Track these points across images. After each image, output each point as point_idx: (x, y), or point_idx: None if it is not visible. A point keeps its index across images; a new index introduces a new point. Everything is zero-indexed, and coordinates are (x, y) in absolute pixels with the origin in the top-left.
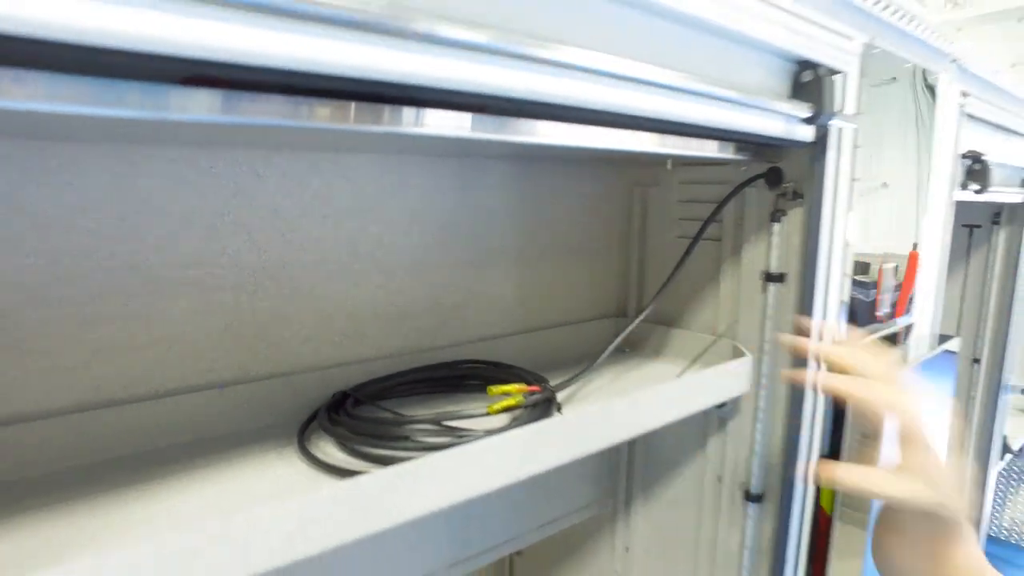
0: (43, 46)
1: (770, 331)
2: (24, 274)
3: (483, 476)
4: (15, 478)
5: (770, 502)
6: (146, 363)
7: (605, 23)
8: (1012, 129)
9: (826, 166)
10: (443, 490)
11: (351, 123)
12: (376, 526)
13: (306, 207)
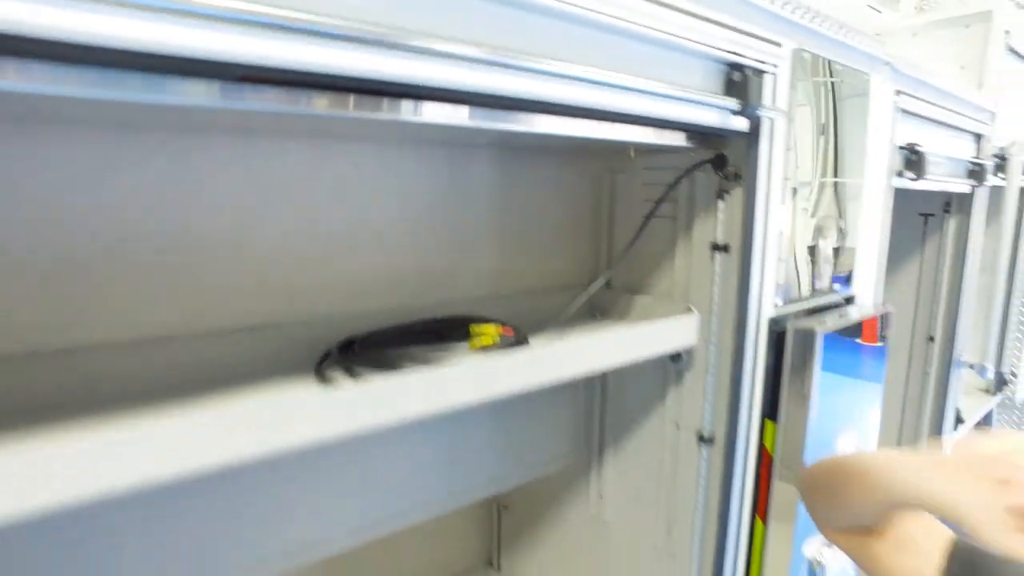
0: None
1: (718, 295)
2: (101, 236)
3: (454, 392)
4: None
5: (719, 444)
6: (196, 308)
7: (582, 41)
8: (948, 123)
9: (760, 152)
10: (420, 401)
11: (367, 111)
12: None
13: (320, 190)
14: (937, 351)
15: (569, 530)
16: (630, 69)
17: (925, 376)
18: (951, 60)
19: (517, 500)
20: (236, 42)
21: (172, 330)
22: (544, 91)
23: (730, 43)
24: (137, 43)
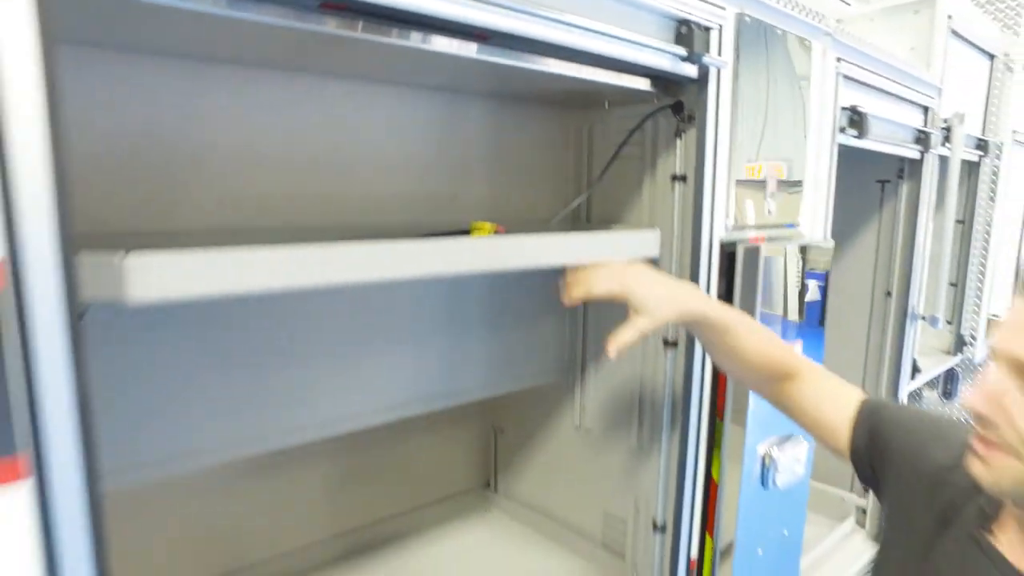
0: None
1: (677, 217)
2: (184, 147)
3: (464, 259)
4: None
5: (681, 348)
6: (248, 212)
7: None
8: (895, 94)
9: (708, 96)
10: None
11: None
12: (418, 270)
13: (351, 123)
14: (894, 305)
15: (557, 443)
16: (599, 18)
17: (884, 328)
18: (903, 43)
19: (512, 424)
20: None
21: (232, 225)
22: (535, 31)
23: (679, 3)
24: None
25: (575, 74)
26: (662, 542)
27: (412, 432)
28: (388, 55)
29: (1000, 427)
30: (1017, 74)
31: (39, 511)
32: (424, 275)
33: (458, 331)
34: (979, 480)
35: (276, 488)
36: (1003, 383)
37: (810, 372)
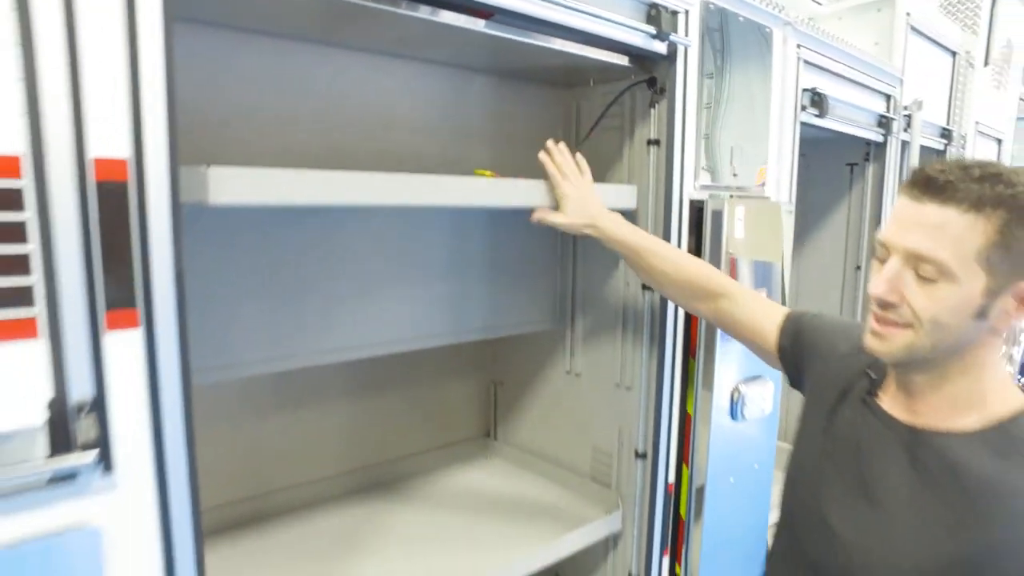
0: None
1: (652, 177)
2: (239, 111)
3: (469, 193)
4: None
5: (658, 293)
6: (289, 161)
7: None
8: (858, 82)
9: (677, 72)
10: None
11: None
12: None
13: (375, 92)
14: (863, 278)
15: (551, 389)
16: (588, 4)
17: (854, 299)
18: (868, 38)
19: (510, 377)
20: None
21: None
22: (532, 9)
23: None
24: None
25: (565, 48)
26: (643, 468)
27: (421, 383)
28: (404, 29)
29: (899, 307)
30: (978, 70)
31: (146, 351)
32: (432, 204)
33: (463, 278)
34: (876, 353)
35: (299, 423)
36: (899, 272)
37: (740, 292)
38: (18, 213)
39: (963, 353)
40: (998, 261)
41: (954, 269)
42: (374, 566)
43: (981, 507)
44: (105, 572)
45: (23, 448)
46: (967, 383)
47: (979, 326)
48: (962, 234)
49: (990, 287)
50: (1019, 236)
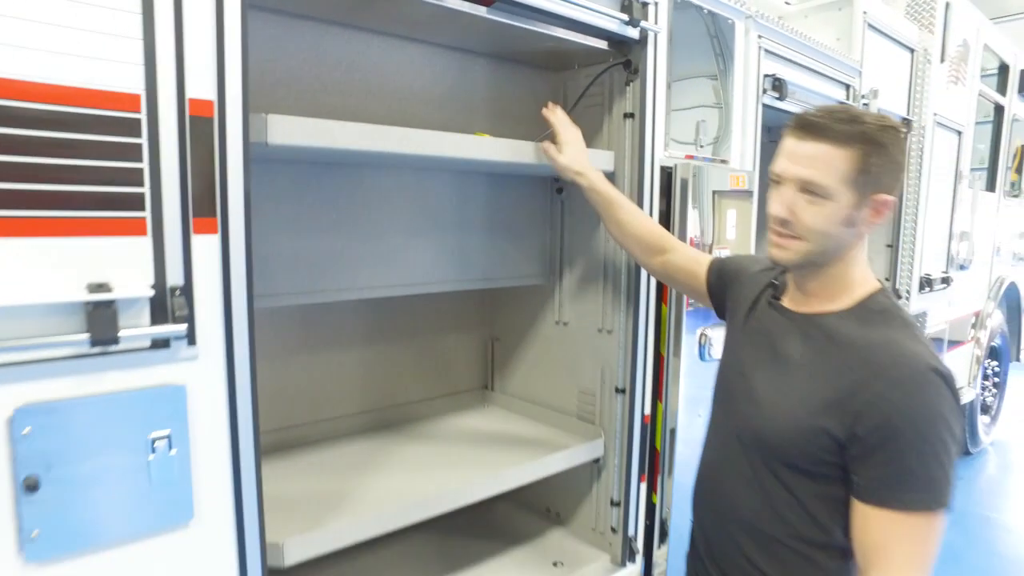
0: None
1: (628, 145)
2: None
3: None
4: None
5: None
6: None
7: None
8: (820, 72)
9: (647, 55)
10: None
11: None
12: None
13: (385, 70)
14: None
15: (542, 340)
16: None
17: None
18: (830, 34)
19: (506, 333)
20: None
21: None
22: None
23: None
24: None
25: (553, 33)
26: (623, 402)
27: (428, 337)
28: (417, 12)
29: (793, 223)
30: (935, 66)
31: (221, 252)
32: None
33: (465, 234)
34: (779, 261)
35: (320, 365)
36: (792, 196)
37: (681, 246)
38: (136, 138)
39: (839, 255)
40: (861, 182)
41: (831, 190)
42: (383, 481)
43: (847, 359)
44: (189, 416)
45: (136, 316)
46: (839, 278)
47: (850, 232)
48: (835, 163)
49: (855, 201)
50: (873, 162)
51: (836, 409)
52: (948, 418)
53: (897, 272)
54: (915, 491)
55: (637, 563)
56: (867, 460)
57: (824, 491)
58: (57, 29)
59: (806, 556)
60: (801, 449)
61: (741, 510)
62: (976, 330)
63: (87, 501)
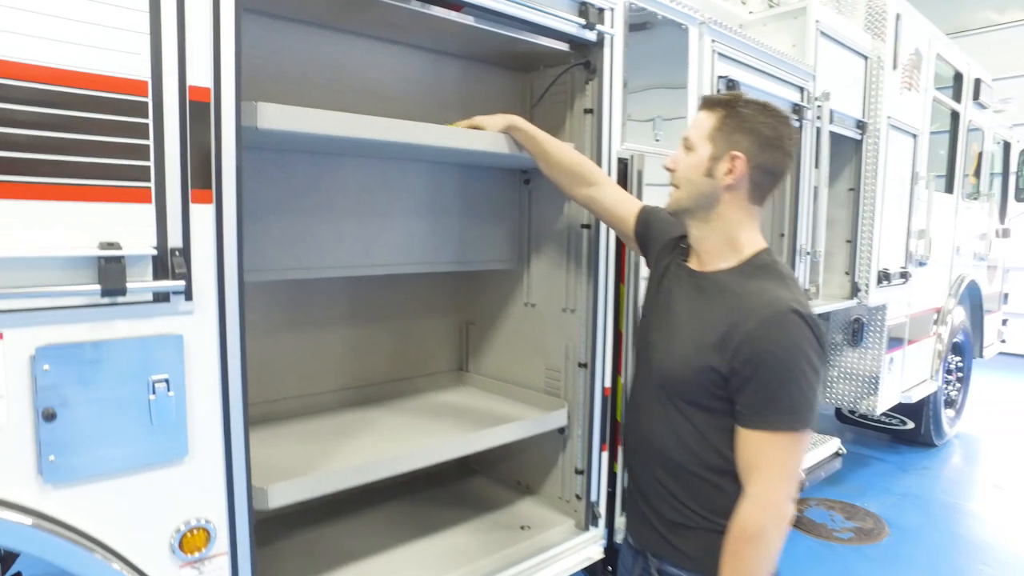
0: None
1: (588, 137)
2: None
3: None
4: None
5: (593, 230)
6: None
7: None
8: (774, 75)
9: (604, 56)
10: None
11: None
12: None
13: (367, 69)
14: (786, 243)
15: (512, 321)
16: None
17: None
18: (787, 41)
19: (479, 317)
20: None
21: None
22: (492, 4)
23: None
24: None
25: (518, 35)
26: (584, 376)
27: (407, 320)
28: (393, 17)
29: (674, 172)
30: (888, 72)
31: (215, 221)
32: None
33: (439, 219)
34: (669, 206)
35: (302, 345)
36: (679, 152)
37: (610, 183)
38: (143, 119)
39: (714, 209)
40: (717, 138)
41: (696, 143)
42: (359, 444)
43: (729, 306)
44: (185, 361)
45: (140, 272)
46: (724, 238)
47: (710, 183)
48: (704, 123)
49: (712, 153)
50: (728, 123)
51: (719, 348)
52: (807, 351)
53: (856, 266)
54: (780, 413)
55: (600, 527)
56: (743, 389)
57: (721, 423)
58: (74, 23)
59: (711, 481)
60: (697, 385)
61: (657, 446)
62: (937, 326)
63: (96, 433)
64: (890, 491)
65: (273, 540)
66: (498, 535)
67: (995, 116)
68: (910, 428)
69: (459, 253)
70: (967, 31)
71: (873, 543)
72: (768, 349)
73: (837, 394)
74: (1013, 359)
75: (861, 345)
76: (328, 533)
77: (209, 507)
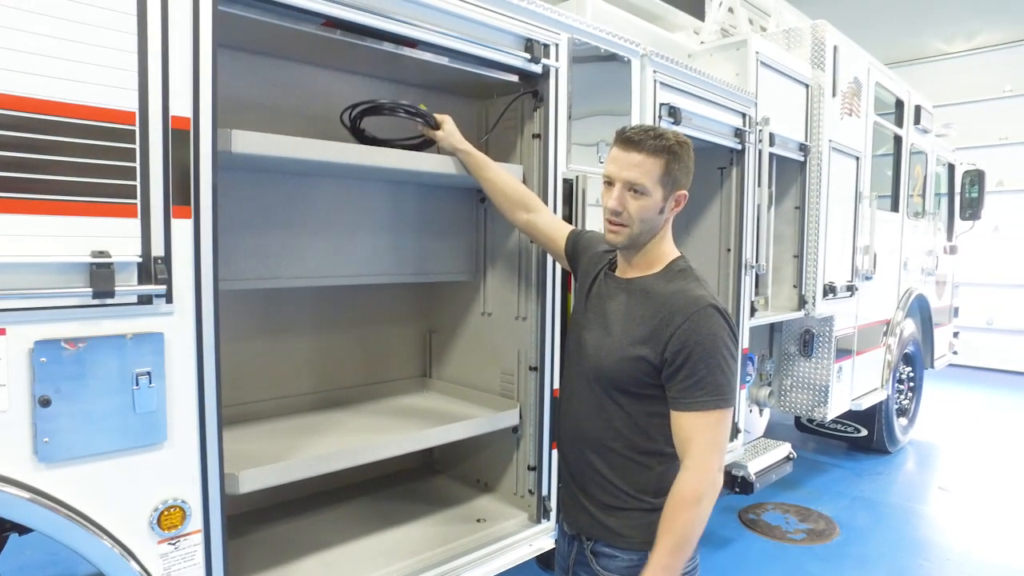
0: None
1: (536, 160)
2: (251, 105)
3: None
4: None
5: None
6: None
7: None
8: (716, 102)
9: (549, 87)
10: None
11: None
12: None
13: (331, 97)
14: (732, 258)
15: (471, 329)
16: (482, 38)
17: (727, 275)
18: (731, 70)
19: (441, 325)
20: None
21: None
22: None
23: (527, 28)
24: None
25: (471, 69)
26: (535, 378)
27: (373, 328)
28: (359, 54)
29: (624, 214)
30: (828, 99)
31: (194, 233)
32: (373, 164)
33: (401, 233)
34: (613, 243)
35: (274, 351)
36: (623, 194)
37: (546, 210)
38: (131, 144)
39: (654, 235)
40: (666, 181)
41: (649, 188)
42: (328, 440)
43: (656, 305)
44: (165, 357)
45: (127, 277)
46: (653, 251)
47: (660, 218)
48: (650, 169)
49: (664, 195)
50: (673, 167)
51: (650, 341)
52: (726, 339)
53: (803, 279)
54: (708, 395)
55: (551, 520)
56: (674, 377)
57: (649, 409)
58: (72, 63)
59: (639, 461)
60: (628, 375)
61: (589, 432)
62: (887, 337)
63: (86, 418)
64: (843, 495)
65: (246, 533)
66: (455, 527)
67: (938, 140)
68: (864, 436)
69: (420, 265)
70: (918, 59)
71: (824, 543)
72: (695, 340)
73: (792, 403)
74: (965, 370)
75: (812, 356)
76: (296, 527)
77: (185, 488)
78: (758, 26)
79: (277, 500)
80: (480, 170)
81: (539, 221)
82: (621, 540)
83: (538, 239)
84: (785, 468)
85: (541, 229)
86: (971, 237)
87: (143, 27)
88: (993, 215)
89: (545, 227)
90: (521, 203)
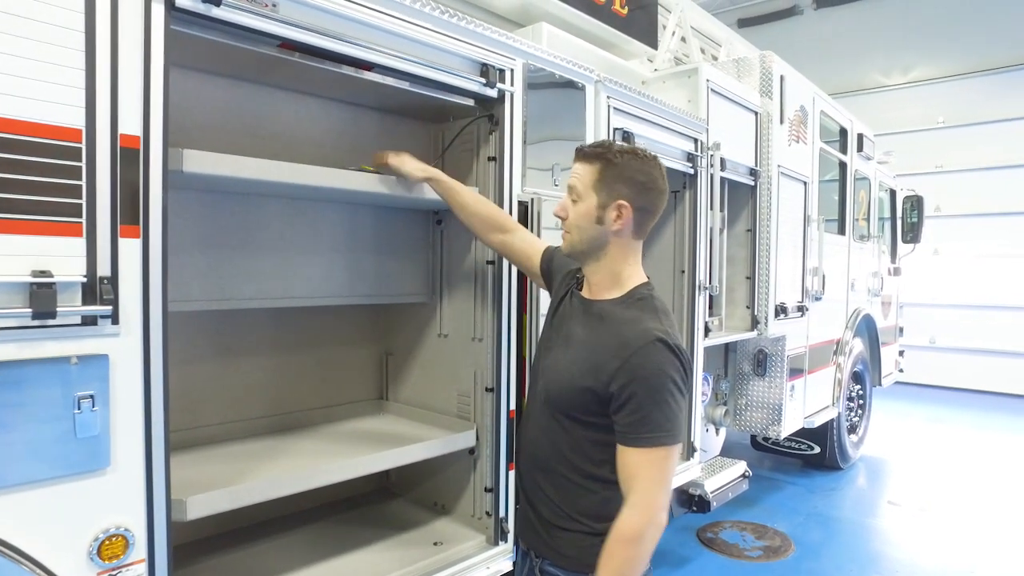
0: None
1: (492, 182)
2: (203, 123)
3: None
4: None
5: (497, 265)
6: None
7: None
8: (668, 127)
9: (505, 111)
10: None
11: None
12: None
13: (291, 119)
14: (686, 280)
15: (427, 351)
16: (437, 62)
17: (681, 297)
18: (683, 97)
19: (397, 348)
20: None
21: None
22: (400, 66)
23: (483, 54)
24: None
25: (427, 93)
26: (492, 399)
27: (328, 351)
28: (315, 76)
29: (565, 219)
30: (775, 126)
31: (142, 253)
32: (325, 185)
33: (356, 254)
34: (564, 249)
35: (226, 374)
36: (567, 201)
37: (521, 230)
38: (76, 162)
39: (604, 250)
40: (599, 188)
41: (582, 193)
42: (280, 465)
43: (607, 333)
44: (111, 380)
45: (70, 298)
46: (611, 273)
47: (601, 229)
48: (583, 174)
49: (599, 203)
50: (608, 174)
51: (597, 372)
52: (673, 376)
53: (755, 300)
54: (652, 431)
55: (508, 542)
56: (620, 411)
57: (594, 436)
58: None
59: (581, 485)
60: (575, 403)
61: (540, 454)
62: (836, 356)
63: (25, 442)
64: (798, 511)
65: (193, 562)
66: (412, 551)
67: (880, 167)
68: (816, 453)
69: (375, 287)
70: (860, 90)
71: (780, 559)
72: (640, 376)
73: (747, 421)
74: (912, 388)
75: (766, 375)
76: (247, 555)
77: (129, 516)
78: (710, 55)
79: (228, 528)
80: (454, 195)
81: (514, 241)
82: (565, 560)
83: (513, 259)
84: (741, 486)
85: (516, 249)
86: (913, 259)
87: (91, 44)
88: (932, 238)
89: (521, 247)
90: (495, 224)
